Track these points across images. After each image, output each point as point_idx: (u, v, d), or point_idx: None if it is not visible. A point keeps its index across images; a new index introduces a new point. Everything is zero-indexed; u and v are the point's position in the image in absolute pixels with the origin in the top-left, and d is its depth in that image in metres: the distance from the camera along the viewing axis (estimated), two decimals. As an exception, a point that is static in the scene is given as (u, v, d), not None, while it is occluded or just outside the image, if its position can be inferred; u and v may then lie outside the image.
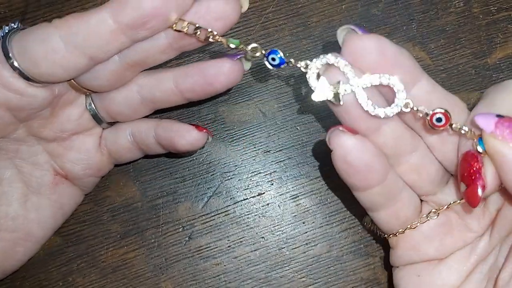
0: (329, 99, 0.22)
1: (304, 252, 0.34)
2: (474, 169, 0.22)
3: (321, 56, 0.23)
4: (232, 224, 0.34)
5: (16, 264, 0.31)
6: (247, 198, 0.35)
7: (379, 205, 0.26)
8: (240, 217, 0.34)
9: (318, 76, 0.23)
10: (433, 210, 0.27)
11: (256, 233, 0.34)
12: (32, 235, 0.30)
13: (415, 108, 0.23)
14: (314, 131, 0.35)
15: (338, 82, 0.22)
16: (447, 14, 0.36)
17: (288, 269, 0.34)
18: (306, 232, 0.34)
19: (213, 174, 0.35)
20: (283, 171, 0.35)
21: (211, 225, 0.34)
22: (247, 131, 0.35)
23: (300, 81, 0.35)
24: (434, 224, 0.27)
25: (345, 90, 0.22)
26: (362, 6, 0.36)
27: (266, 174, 0.35)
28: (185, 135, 0.29)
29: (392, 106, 0.23)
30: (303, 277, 0.34)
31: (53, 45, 0.24)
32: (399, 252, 0.28)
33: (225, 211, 0.34)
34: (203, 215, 0.34)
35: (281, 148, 0.35)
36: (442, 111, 0.23)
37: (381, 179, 0.24)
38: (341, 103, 0.22)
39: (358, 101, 0.23)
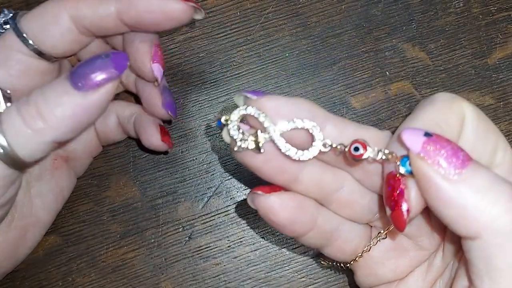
0: (249, 148, 0.23)
1: (304, 252, 0.34)
2: (398, 192, 0.21)
3: (238, 109, 0.23)
4: (232, 224, 0.34)
5: (26, 252, 0.32)
6: (247, 198, 0.34)
7: (320, 245, 0.26)
8: (240, 217, 0.34)
9: (239, 128, 0.23)
10: (379, 234, 0.26)
11: (256, 233, 0.34)
12: (40, 220, 0.31)
13: (333, 145, 0.22)
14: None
15: (256, 132, 0.23)
16: (447, 14, 0.36)
17: (288, 269, 0.34)
18: (306, 232, 0.34)
19: (213, 174, 0.35)
20: (283, 171, 0.35)
21: (211, 225, 0.34)
22: (247, 131, 0.35)
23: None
24: (385, 248, 0.27)
25: (265, 138, 0.22)
26: (362, 6, 0.36)
27: (266, 174, 0.35)
28: (149, 138, 0.31)
29: (311, 149, 0.23)
30: (303, 277, 0.34)
31: (66, 26, 0.26)
32: (360, 278, 0.28)
33: (225, 211, 0.34)
34: (203, 215, 0.34)
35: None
36: (359, 141, 0.22)
37: (310, 227, 0.25)
38: (262, 151, 0.23)
39: (278, 147, 0.23)
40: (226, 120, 0.23)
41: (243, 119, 0.23)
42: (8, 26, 0.27)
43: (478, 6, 0.36)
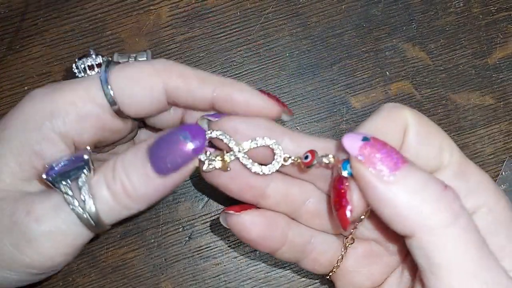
0: (217, 167, 0.24)
1: (304, 252, 0.34)
2: (342, 191, 0.22)
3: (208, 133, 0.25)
4: (232, 224, 0.34)
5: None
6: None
7: (295, 259, 0.27)
8: (240, 217, 0.34)
9: (206, 151, 0.25)
10: (347, 240, 0.27)
11: (256, 233, 0.34)
12: None
13: (293, 158, 0.24)
14: (314, 131, 0.35)
15: (223, 152, 0.24)
16: (447, 14, 0.36)
17: (288, 269, 0.34)
18: (306, 232, 0.34)
19: (213, 174, 0.35)
20: (283, 171, 0.35)
21: (211, 225, 0.34)
22: (247, 131, 0.35)
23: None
24: (358, 256, 0.27)
25: (230, 158, 0.24)
26: (362, 6, 0.36)
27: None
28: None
29: (273, 163, 0.24)
30: (303, 277, 0.34)
31: (159, 97, 0.25)
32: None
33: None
34: (203, 215, 0.34)
35: (281, 148, 0.35)
36: (309, 150, 0.24)
37: (282, 242, 0.26)
38: (229, 169, 0.24)
39: (244, 164, 0.24)
40: None
41: (210, 142, 0.25)
42: (92, 72, 0.26)
43: (478, 6, 0.36)
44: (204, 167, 0.24)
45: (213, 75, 0.26)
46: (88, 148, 0.24)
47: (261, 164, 0.24)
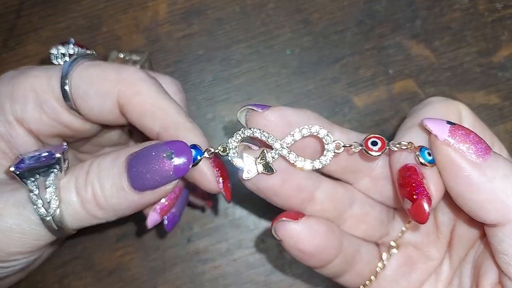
0: (260, 171, 0.21)
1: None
2: (416, 182, 0.21)
3: (235, 134, 0.22)
4: (231, 227, 0.34)
5: (40, 263, 0.30)
6: (247, 200, 0.34)
7: (341, 272, 0.25)
8: (239, 220, 0.34)
9: (241, 155, 0.22)
10: (391, 245, 0.26)
11: (256, 236, 0.34)
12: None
13: (347, 145, 0.22)
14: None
15: (262, 152, 0.22)
16: (452, 11, 0.35)
17: (289, 273, 0.33)
18: (307, 235, 0.34)
19: (212, 175, 0.34)
20: (283, 172, 0.34)
21: (210, 228, 0.34)
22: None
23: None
24: (396, 264, 0.26)
25: (273, 157, 0.21)
26: (365, 3, 0.35)
27: (266, 175, 0.34)
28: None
29: (325, 153, 0.22)
30: (304, 280, 0.33)
31: (110, 106, 0.24)
32: None
33: (224, 214, 0.34)
34: (202, 217, 0.34)
35: (281, 148, 0.34)
36: (376, 136, 0.22)
37: (337, 252, 0.24)
38: (275, 171, 0.21)
39: (290, 161, 0.22)
40: (224, 150, 0.22)
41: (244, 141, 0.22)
42: (66, 59, 0.26)
43: (484, 3, 0.35)
44: (244, 175, 0.22)
45: (173, 105, 0.24)
46: (65, 144, 0.23)
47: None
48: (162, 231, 0.33)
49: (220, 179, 0.24)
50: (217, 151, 0.22)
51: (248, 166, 0.22)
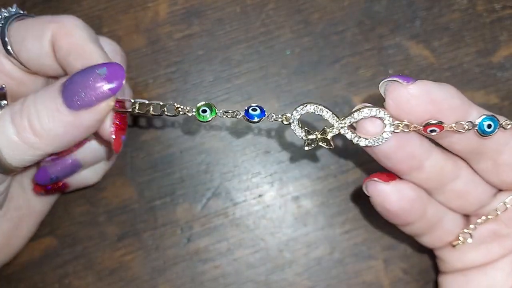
0: (319, 145, 0.24)
1: (305, 255, 0.33)
2: None
3: (299, 107, 0.24)
4: (231, 226, 0.34)
5: (20, 243, 0.31)
6: (247, 200, 0.34)
7: (421, 234, 0.27)
8: (239, 219, 0.34)
9: (301, 125, 0.24)
10: (480, 220, 0.26)
11: (256, 235, 0.34)
12: (35, 210, 0.31)
13: (404, 123, 0.23)
14: (316, 131, 0.34)
15: (324, 129, 0.24)
16: (451, 11, 0.35)
17: (289, 272, 0.33)
18: (307, 234, 0.34)
19: (212, 175, 0.34)
20: (283, 172, 0.34)
21: (210, 227, 0.34)
22: (247, 130, 0.34)
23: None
24: (482, 234, 0.27)
25: (332, 133, 0.24)
26: (365, 3, 0.35)
27: (266, 175, 0.34)
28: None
29: (382, 133, 0.23)
30: (304, 280, 0.33)
31: (46, 49, 0.25)
32: (446, 264, 0.28)
33: (224, 213, 0.34)
34: (202, 216, 0.34)
35: (281, 149, 0.34)
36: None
37: (420, 216, 0.25)
38: (333, 146, 0.24)
39: (347, 137, 0.24)
40: (287, 120, 0.24)
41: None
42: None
43: (483, 3, 0.36)
44: (306, 147, 0.24)
45: (101, 51, 0.24)
46: (3, 86, 0.24)
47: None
48: (161, 230, 0.34)
49: (113, 126, 0.25)
50: (280, 120, 0.24)
51: (309, 139, 0.24)
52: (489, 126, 0.22)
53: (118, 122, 0.25)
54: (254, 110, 0.24)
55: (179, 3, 0.35)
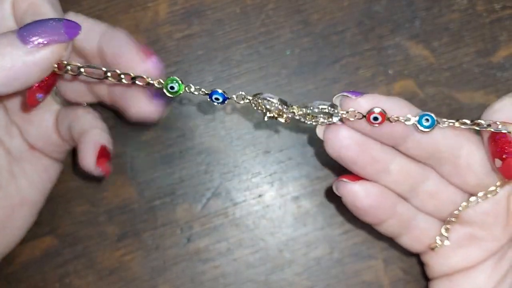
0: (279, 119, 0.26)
1: (305, 255, 0.34)
2: (507, 144, 0.24)
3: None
4: (231, 226, 0.34)
5: (17, 234, 0.31)
6: (246, 200, 0.34)
7: (398, 234, 0.28)
8: (239, 219, 0.34)
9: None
10: (451, 220, 0.27)
11: (256, 235, 0.34)
12: (27, 199, 0.31)
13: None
14: (315, 132, 0.34)
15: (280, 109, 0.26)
16: (451, 11, 0.35)
17: (289, 272, 0.33)
18: (306, 234, 0.34)
19: (212, 175, 0.34)
20: (283, 172, 0.34)
21: (210, 227, 0.34)
22: (247, 130, 0.35)
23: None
24: (458, 236, 0.28)
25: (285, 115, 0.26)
26: (365, 3, 0.35)
27: (266, 175, 0.34)
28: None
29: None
30: (304, 279, 0.33)
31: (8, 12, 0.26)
32: (431, 268, 0.29)
33: (224, 213, 0.34)
34: (202, 216, 0.34)
35: (281, 149, 0.34)
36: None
37: (390, 213, 0.27)
38: (288, 121, 0.26)
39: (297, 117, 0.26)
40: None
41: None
42: None
43: (483, 4, 0.36)
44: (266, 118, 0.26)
45: (57, 14, 0.25)
46: None
47: None
48: (161, 230, 0.34)
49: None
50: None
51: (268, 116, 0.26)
52: (426, 120, 0.24)
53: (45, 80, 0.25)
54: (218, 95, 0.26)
55: (179, 3, 0.35)
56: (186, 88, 0.26)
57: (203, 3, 0.35)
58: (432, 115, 0.25)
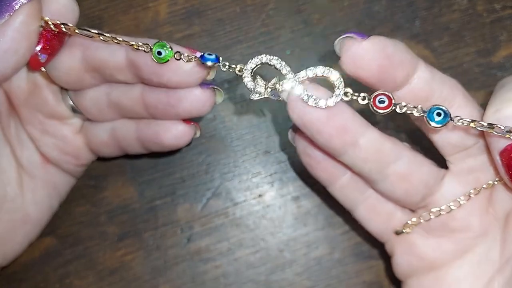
0: (267, 96, 0.23)
1: (305, 255, 0.34)
2: None
3: (255, 58, 0.24)
4: (232, 226, 0.34)
5: (17, 248, 0.31)
6: (247, 200, 0.34)
7: (354, 201, 0.26)
8: (240, 219, 0.34)
9: (254, 77, 0.24)
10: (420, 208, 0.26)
11: (256, 235, 0.34)
12: (29, 216, 0.30)
13: (356, 95, 0.23)
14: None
15: (276, 78, 0.23)
16: (451, 11, 0.35)
17: (289, 272, 0.33)
18: (307, 234, 0.34)
19: (212, 175, 0.34)
20: (283, 172, 0.34)
21: (210, 227, 0.34)
22: (247, 131, 0.35)
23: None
24: (429, 225, 0.25)
25: (281, 86, 0.23)
26: (365, 3, 0.35)
27: (266, 175, 0.34)
28: (171, 129, 0.28)
29: (332, 96, 0.22)
30: (304, 279, 0.33)
31: None
32: (398, 260, 0.27)
33: (224, 213, 0.34)
34: (202, 216, 0.34)
35: (281, 149, 0.34)
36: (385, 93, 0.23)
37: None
38: (281, 98, 0.23)
39: (295, 93, 0.23)
40: (240, 70, 0.24)
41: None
42: None
43: (483, 3, 0.36)
44: (252, 96, 0.23)
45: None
46: None
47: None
48: (162, 230, 0.34)
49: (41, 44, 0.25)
50: (235, 68, 0.24)
51: (258, 89, 0.23)
52: (438, 114, 0.22)
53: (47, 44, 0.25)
54: (210, 55, 0.24)
55: (179, 3, 0.36)
56: (176, 56, 0.24)
57: (204, 3, 0.35)
58: (445, 108, 0.22)
